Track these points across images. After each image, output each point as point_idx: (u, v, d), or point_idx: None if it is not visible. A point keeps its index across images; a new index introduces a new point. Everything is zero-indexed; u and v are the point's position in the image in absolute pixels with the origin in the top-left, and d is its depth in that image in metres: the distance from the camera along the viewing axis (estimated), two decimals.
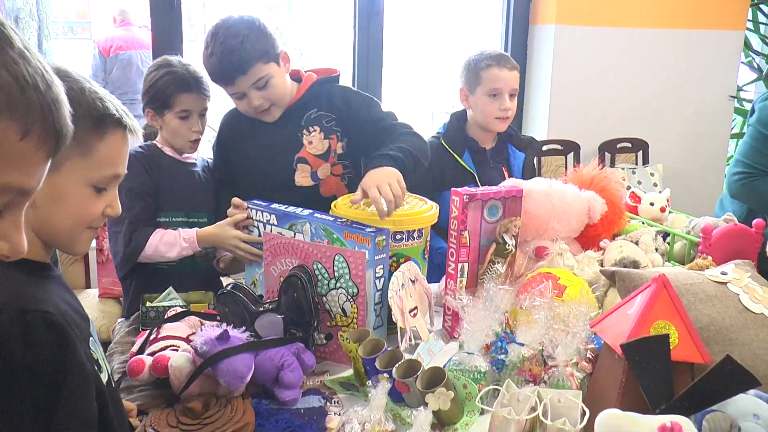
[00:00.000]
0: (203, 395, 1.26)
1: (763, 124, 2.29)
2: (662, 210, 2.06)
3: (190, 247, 1.82)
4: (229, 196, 1.83)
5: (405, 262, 1.57)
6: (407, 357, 1.31)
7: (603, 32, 3.55)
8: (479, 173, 2.22)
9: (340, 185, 1.99)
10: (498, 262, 1.60)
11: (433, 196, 1.97)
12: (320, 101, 1.96)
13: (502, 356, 1.32)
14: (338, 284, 1.49)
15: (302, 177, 1.95)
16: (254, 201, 1.75)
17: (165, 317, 1.51)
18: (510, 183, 1.83)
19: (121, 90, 4.97)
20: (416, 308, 1.54)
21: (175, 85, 1.87)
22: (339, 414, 1.27)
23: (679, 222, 2.03)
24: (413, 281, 1.56)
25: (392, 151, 1.72)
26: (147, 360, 1.31)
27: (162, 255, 1.81)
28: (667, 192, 2.13)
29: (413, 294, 1.54)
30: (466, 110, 2.29)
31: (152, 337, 1.42)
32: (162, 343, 1.39)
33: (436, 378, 1.23)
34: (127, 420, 1.14)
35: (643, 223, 2.00)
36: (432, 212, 1.67)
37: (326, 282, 1.50)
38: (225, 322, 1.36)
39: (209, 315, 1.51)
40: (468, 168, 2.22)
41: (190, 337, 1.39)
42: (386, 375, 1.24)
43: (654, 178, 3.60)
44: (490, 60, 2.20)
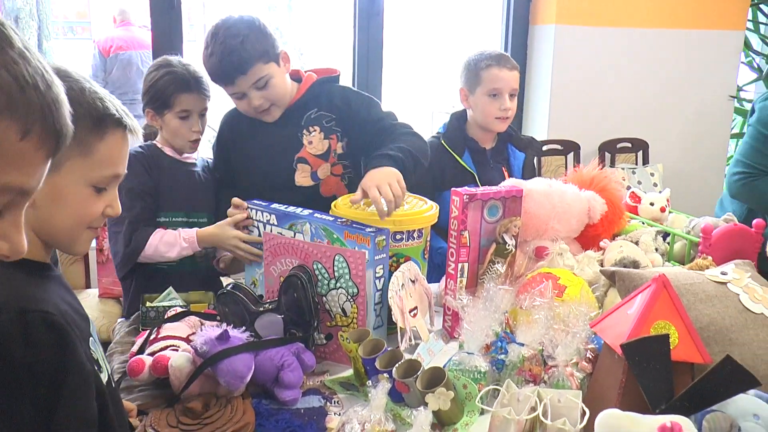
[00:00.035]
0: (203, 395, 1.26)
1: (763, 124, 2.29)
2: (662, 210, 2.06)
3: (190, 247, 1.82)
4: (229, 196, 1.83)
5: (405, 262, 1.57)
6: (407, 357, 1.31)
7: (603, 32, 3.55)
8: (479, 173, 2.22)
9: (340, 185, 1.99)
10: (498, 262, 1.60)
11: (433, 196, 1.97)
12: (320, 101, 1.96)
13: (502, 356, 1.32)
14: (338, 284, 1.49)
15: (302, 177, 1.95)
16: (254, 201, 1.75)
17: (165, 317, 1.51)
18: (510, 183, 1.83)
19: (121, 90, 4.97)
20: (416, 308, 1.54)
21: (176, 85, 1.87)
22: (339, 414, 1.27)
23: (679, 222, 2.02)
24: (413, 281, 1.56)
25: (392, 151, 1.72)
26: (147, 360, 1.31)
27: (162, 255, 1.81)
28: (667, 192, 2.13)
29: (413, 294, 1.54)
30: (466, 110, 2.30)
31: (152, 337, 1.42)
32: (162, 343, 1.39)
33: (436, 378, 1.23)
34: (127, 420, 1.14)
35: (643, 223, 2.00)
36: (432, 212, 1.67)
37: (326, 282, 1.50)
38: (225, 322, 1.36)
39: (209, 315, 1.51)
40: (468, 168, 2.22)
41: (190, 337, 1.39)
42: (386, 375, 1.24)
43: (654, 178, 3.60)
44: (490, 60, 2.20)
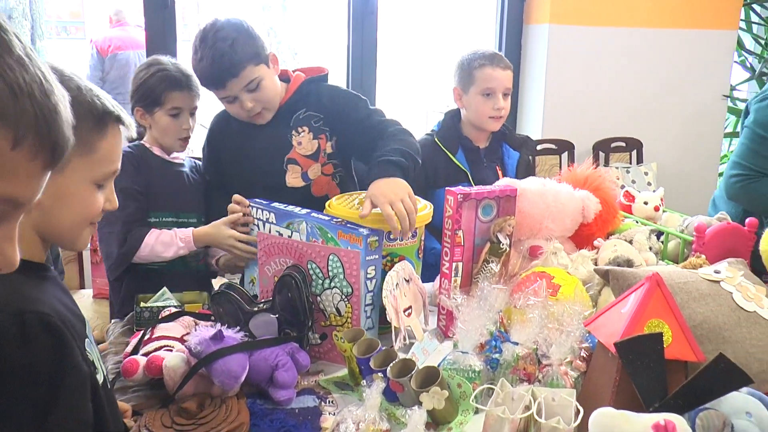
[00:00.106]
0: (198, 395, 1.26)
1: (760, 125, 2.26)
2: (656, 209, 2.06)
3: (186, 247, 1.81)
4: (221, 198, 1.82)
5: (399, 262, 1.57)
6: (402, 356, 1.31)
7: (597, 32, 3.55)
8: (472, 172, 2.22)
9: (332, 185, 1.99)
10: (492, 262, 1.60)
11: (426, 195, 1.97)
12: (308, 101, 1.95)
13: (497, 355, 1.33)
14: (332, 284, 1.49)
15: (293, 178, 1.94)
16: (255, 200, 1.74)
17: (159, 317, 1.51)
18: (504, 182, 1.84)
19: (118, 90, 4.96)
20: (411, 307, 1.53)
21: (167, 83, 1.87)
22: (333, 414, 1.27)
23: (673, 221, 2.03)
24: (407, 281, 1.56)
25: (394, 156, 1.68)
26: (141, 360, 1.31)
27: (158, 255, 1.80)
28: (661, 191, 2.13)
29: (407, 293, 1.54)
30: (460, 109, 2.30)
31: (146, 338, 1.42)
32: (156, 344, 1.38)
33: (431, 377, 1.23)
34: (122, 421, 1.14)
35: (637, 222, 2.01)
36: (426, 211, 1.67)
37: (320, 281, 1.50)
38: (219, 322, 1.36)
39: (203, 315, 1.51)
40: (461, 166, 2.22)
41: (185, 338, 1.39)
42: (381, 374, 1.24)
43: (648, 177, 3.61)
44: (484, 59, 2.20)
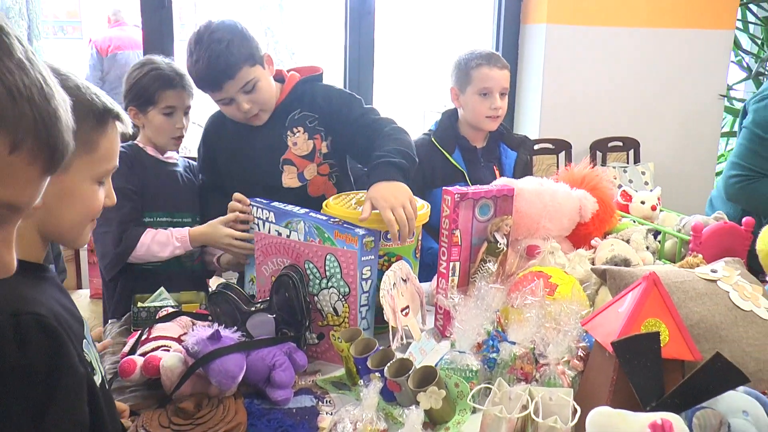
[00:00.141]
0: (195, 395, 1.26)
1: (759, 126, 2.26)
2: (653, 208, 2.07)
3: (183, 247, 1.81)
4: (217, 199, 1.82)
5: (396, 261, 1.57)
6: (399, 356, 1.31)
7: (594, 31, 3.56)
8: (469, 171, 2.22)
9: (328, 184, 1.98)
10: (489, 261, 1.60)
11: (423, 195, 1.97)
12: (303, 101, 1.94)
13: (494, 355, 1.33)
14: (330, 283, 1.49)
15: (289, 179, 1.94)
16: (256, 198, 1.74)
17: (156, 317, 1.51)
18: (501, 182, 1.84)
19: (117, 90, 4.87)
20: (408, 307, 1.54)
21: (161, 82, 1.87)
22: (331, 413, 1.27)
23: (670, 220, 2.03)
24: (405, 280, 1.56)
25: (395, 157, 1.67)
26: (138, 360, 1.31)
27: (154, 254, 1.80)
28: (658, 190, 2.13)
29: (405, 293, 1.54)
30: (457, 109, 2.30)
31: (143, 338, 1.42)
32: (153, 344, 1.38)
33: (428, 377, 1.23)
34: (120, 422, 1.14)
35: (634, 222, 2.01)
36: (424, 211, 1.67)
37: (318, 281, 1.50)
38: (216, 322, 1.36)
39: (201, 315, 1.51)
40: (458, 166, 2.22)
41: (182, 338, 1.38)
42: (378, 374, 1.24)
43: (645, 177, 3.61)
44: (481, 59, 2.20)
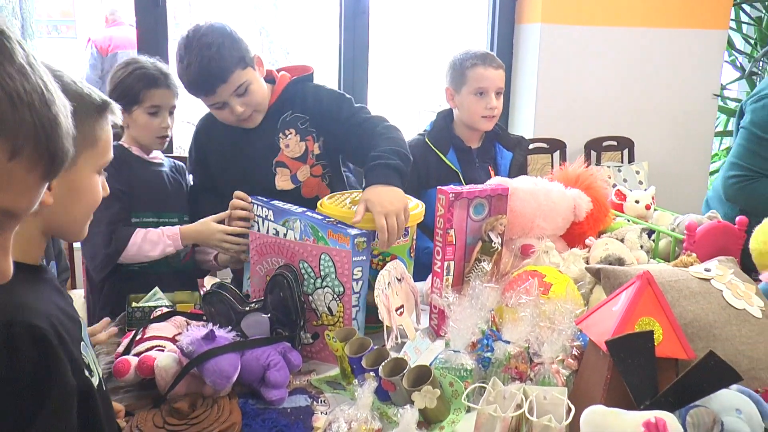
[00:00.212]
0: (189, 395, 1.26)
1: (757, 126, 2.25)
2: (647, 207, 2.07)
3: (174, 245, 1.80)
4: (209, 200, 1.81)
5: (391, 261, 1.57)
6: (393, 355, 1.31)
7: (588, 31, 3.57)
8: (464, 172, 2.22)
9: (321, 186, 1.97)
10: (484, 260, 1.60)
11: (418, 195, 1.97)
12: (294, 103, 1.93)
13: (489, 354, 1.33)
14: (324, 283, 1.49)
15: (282, 181, 1.93)
16: (256, 197, 1.74)
17: (151, 317, 1.51)
18: (495, 181, 1.84)
19: None
20: (402, 306, 1.54)
21: (145, 81, 1.85)
22: (325, 413, 1.27)
23: (664, 219, 2.04)
24: (399, 279, 1.56)
25: (391, 159, 1.66)
26: (132, 361, 1.31)
27: (145, 254, 1.79)
28: (652, 189, 2.14)
29: (399, 292, 1.54)
30: (453, 109, 2.30)
31: (138, 338, 1.41)
32: (148, 344, 1.38)
33: (423, 376, 1.23)
34: (117, 423, 1.13)
35: (629, 221, 2.01)
36: (418, 210, 1.67)
37: (312, 281, 1.50)
38: (211, 322, 1.36)
39: (195, 315, 1.51)
40: (452, 166, 2.22)
41: (176, 338, 1.38)
42: (373, 374, 1.24)
43: (639, 176, 3.62)
44: (476, 59, 2.20)
